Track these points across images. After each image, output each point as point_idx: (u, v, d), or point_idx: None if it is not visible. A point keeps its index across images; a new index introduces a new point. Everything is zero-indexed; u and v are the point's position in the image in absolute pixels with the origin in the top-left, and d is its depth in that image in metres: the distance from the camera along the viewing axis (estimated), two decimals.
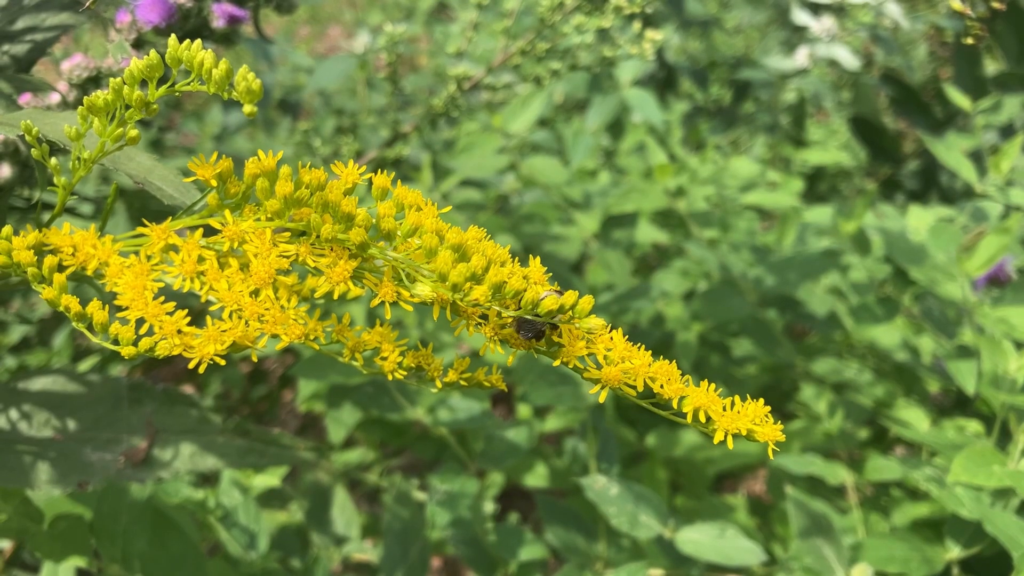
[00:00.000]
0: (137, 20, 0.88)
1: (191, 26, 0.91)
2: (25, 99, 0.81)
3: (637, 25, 1.10)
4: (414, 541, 1.09)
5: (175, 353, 0.44)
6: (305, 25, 3.52)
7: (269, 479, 1.18)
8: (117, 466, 0.73)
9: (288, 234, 0.47)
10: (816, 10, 2.03)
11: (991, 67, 2.28)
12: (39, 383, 0.75)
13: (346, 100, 2.00)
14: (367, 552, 1.18)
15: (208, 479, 1.25)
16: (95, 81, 0.90)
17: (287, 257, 0.46)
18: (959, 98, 1.68)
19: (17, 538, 0.95)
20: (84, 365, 1.44)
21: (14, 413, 0.72)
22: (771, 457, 0.49)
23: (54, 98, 0.86)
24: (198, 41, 0.44)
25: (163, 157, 1.79)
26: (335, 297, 0.45)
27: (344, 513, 1.20)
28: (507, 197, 1.75)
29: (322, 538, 1.17)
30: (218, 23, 0.90)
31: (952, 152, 1.50)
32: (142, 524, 0.92)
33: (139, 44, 0.90)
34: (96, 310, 0.45)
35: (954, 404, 1.47)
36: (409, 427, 1.31)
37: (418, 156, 1.64)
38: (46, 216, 0.97)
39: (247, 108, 0.44)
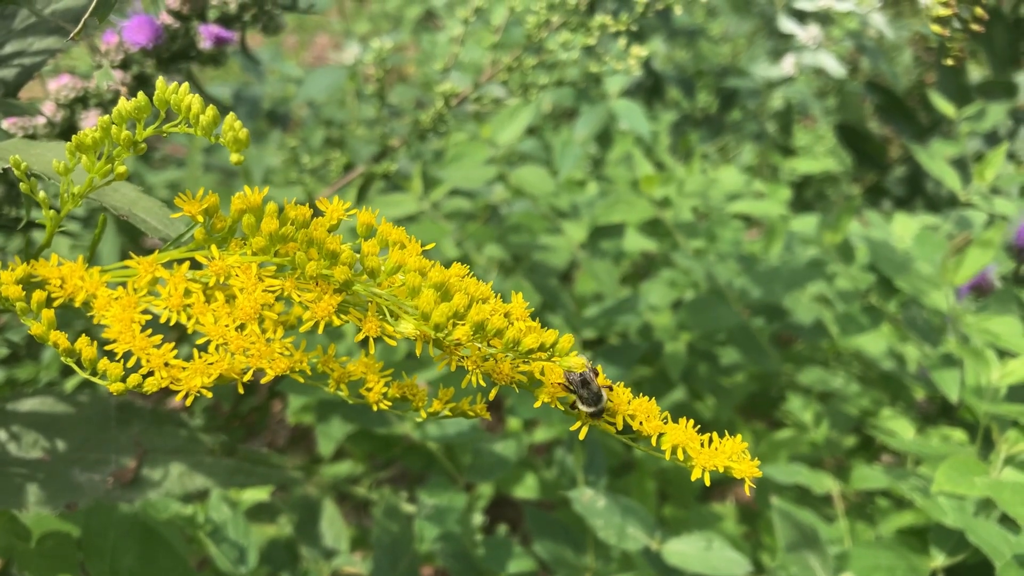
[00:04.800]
0: (124, 41, 0.89)
1: (178, 47, 0.91)
2: (10, 122, 0.81)
3: (622, 42, 1.11)
4: (403, 554, 1.10)
5: (162, 387, 0.45)
6: (292, 34, 3.52)
7: (258, 493, 1.19)
8: (106, 487, 0.73)
9: (274, 268, 0.48)
10: (802, 18, 2.04)
11: (975, 73, 2.29)
12: (27, 404, 0.76)
13: (335, 110, 2.00)
14: (356, 565, 1.19)
15: (197, 494, 1.25)
16: (82, 101, 0.90)
17: (272, 292, 0.47)
18: (944, 105, 1.69)
19: (4, 557, 0.95)
20: (72, 381, 1.44)
21: (2, 434, 0.73)
22: (747, 494, 0.50)
23: (40, 120, 0.86)
24: (185, 84, 0.44)
25: (151, 170, 1.79)
26: (319, 331, 0.46)
27: (333, 526, 1.21)
28: (496, 207, 1.76)
29: (311, 552, 1.18)
30: (205, 44, 0.91)
31: (936, 160, 1.51)
32: (130, 540, 0.92)
33: (126, 65, 0.91)
34: (85, 346, 0.45)
35: (939, 412, 1.48)
36: (398, 439, 1.31)
37: (408, 167, 1.65)
38: (33, 234, 0.98)
39: (234, 157, 0.45)
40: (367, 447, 1.32)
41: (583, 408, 0.49)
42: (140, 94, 0.43)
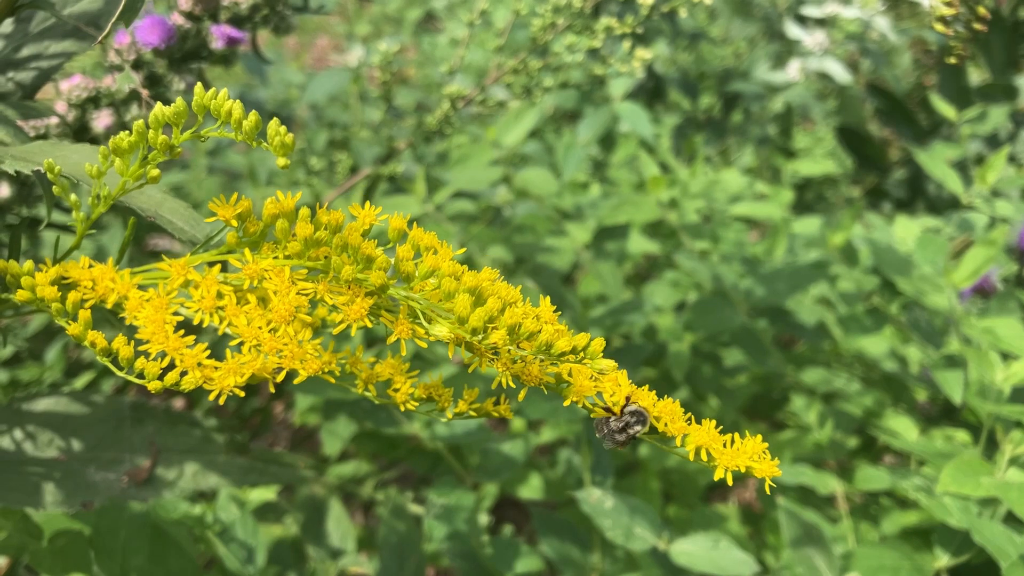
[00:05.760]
0: (136, 42, 0.89)
1: (190, 47, 0.92)
2: (22, 122, 0.82)
3: (627, 44, 1.12)
4: (410, 554, 1.10)
5: (197, 386, 0.45)
6: (292, 36, 3.52)
7: (265, 493, 1.19)
8: (121, 485, 0.73)
9: (305, 271, 0.49)
10: (805, 22, 2.05)
11: (974, 76, 2.30)
12: (42, 404, 0.76)
13: (339, 113, 2.00)
14: (363, 565, 1.19)
15: (205, 494, 1.25)
16: (94, 101, 0.90)
17: (306, 295, 0.47)
18: (945, 108, 1.70)
19: (16, 555, 0.95)
20: (80, 381, 1.44)
21: (19, 434, 0.73)
22: (768, 493, 0.51)
23: (52, 120, 0.87)
24: (224, 90, 0.45)
25: None
26: (352, 333, 0.47)
27: (339, 526, 1.21)
28: (500, 208, 1.76)
29: (318, 551, 1.18)
30: (217, 44, 0.91)
31: (938, 163, 1.52)
32: (141, 540, 0.92)
33: (138, 65, 0.91)
34: (122, 345, 0.46)
35: (941, 413, 1.49)
36: (403, 440, 1.31)
37: (411, 169, 1.66)
38: (44, 234, 0.98)
39: (281, 161, 0.46)
40: (372, 448, 1.32)
41: (639, 428, 0.50)
42: (179, 100, 0.44)
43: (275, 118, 0.45)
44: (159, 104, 0.44)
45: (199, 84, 0.45)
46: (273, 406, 1.83)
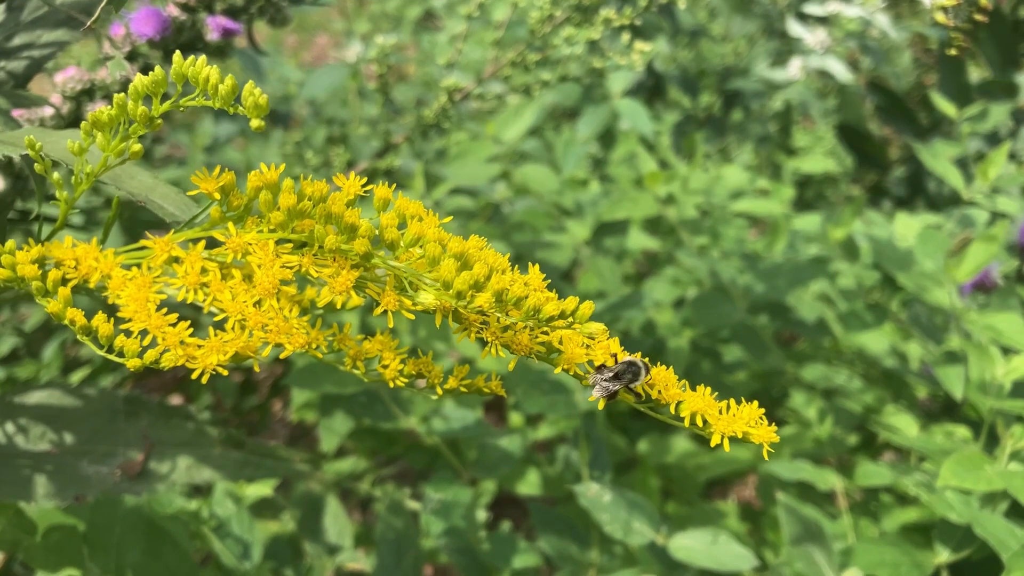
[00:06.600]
0: (131, 33, 0.89)
1: (185, 39, 0.91)
2: (17, 113, 0.81)
3: (626, 37, 1.11)
4: (407, 550, 1.10)
5: (178, 364, 0.45)
6: (292, 33, 3.52)
7: (261, 489, 1.18)
8: (114, 479, 0.73)
9: (290, 245, 0.48)
10: (806, 20, 2.05)
11: (974, 74, 2.30)
12: (35, 397, 0.75)
13: (337, 109, 2.00)
14: (360, 561, 1.19)
15: (201, 489, 1.25)
16: (88, 94, 0.90)
17: (290, 268, 0.46)
18: (946, 106, 1.70)
19: (9, 550, 0.95)
20: (76, 376, 1.44)
21: (10, 427, 0.72)
22: (766, 458, 0.50)
23: (47, 111, 0.86)
24: (203, 57, 0.44)
25: (153, 169, 1.79)
26: (338, 307, 0.46)
27: (337, 522, 1.21)
28: (499, 205, 1.76)
29: (315, 547, 1.18)
30: (212, 36, 0.91)
31: (939, 160, 1.51)
32: (136, 535, 0.92)
33: (133, 57, 0.90)
34: (101, 323, 0.45)
35: (941, 409, 1.48)
36: (401, 436, 1.31)
37: (410, 165, 1.65)
38: (43, 228, 0.97)
39: (254, 122, 0.45)
40: (370, 443, 1.32)
41: (629, 378, 0.49)
42: (157, 68, 0.43)
43: (250, 81, 0.45)
44: (138, 74, 0.44)
45: (177, 53, 0.44)
46: (271, 403, 1.83)
